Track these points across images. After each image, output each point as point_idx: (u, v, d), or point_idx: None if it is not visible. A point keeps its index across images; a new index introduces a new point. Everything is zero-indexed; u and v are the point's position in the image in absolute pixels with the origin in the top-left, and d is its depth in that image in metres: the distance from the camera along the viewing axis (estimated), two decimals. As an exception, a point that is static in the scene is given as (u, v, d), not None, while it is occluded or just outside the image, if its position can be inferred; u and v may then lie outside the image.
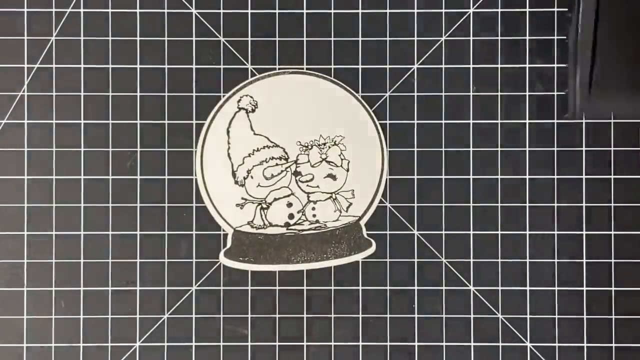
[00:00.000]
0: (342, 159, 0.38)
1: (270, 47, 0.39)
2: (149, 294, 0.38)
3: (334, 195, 0.38)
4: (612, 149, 0.39)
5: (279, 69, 0.39)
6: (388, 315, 0.38)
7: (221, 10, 0.39)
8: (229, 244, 0.38)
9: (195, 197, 0.38)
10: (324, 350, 0.38)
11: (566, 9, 0.39)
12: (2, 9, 0.39)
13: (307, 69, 0.39)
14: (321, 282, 0.38)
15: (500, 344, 0.38)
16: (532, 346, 0.38)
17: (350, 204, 0.38)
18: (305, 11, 0.39)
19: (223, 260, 0.38)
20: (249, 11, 0.39)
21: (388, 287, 0.38)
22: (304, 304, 0.38)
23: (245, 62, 0.39)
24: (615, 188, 0.38)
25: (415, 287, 0.38)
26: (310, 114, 0.38)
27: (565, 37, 0.38)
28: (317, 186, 0.38)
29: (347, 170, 0.38)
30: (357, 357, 0.38)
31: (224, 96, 0.38)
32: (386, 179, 0.38)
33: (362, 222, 0.38)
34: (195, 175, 0.38)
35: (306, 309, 0.38)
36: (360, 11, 0.39)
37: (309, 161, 0.38)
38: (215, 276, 0.38)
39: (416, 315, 0.38)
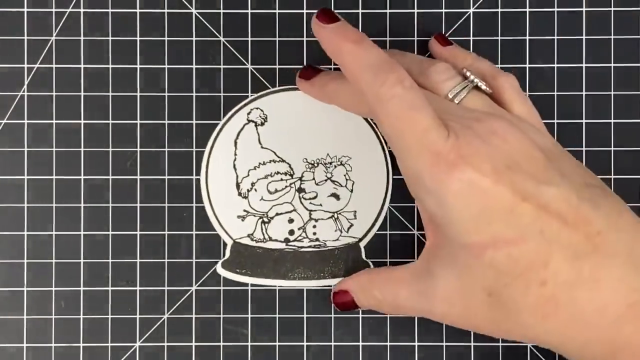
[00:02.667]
0: (347, 179, 0.38)
1: (270, 47, 0.39)
2: (149, 294, 0.38)
3: (336, 215, 0.38)
4: (612, 149, 0.39)
5: (279, 69, 0.39)
6: (388, 315, 0.38)
7: (221, 10, 0.39)
8: (227, 255, 0.38)
9: (195, 197, 0.38)
10: (324, 350, 0.38)
11: (566, 9, 0.39)
12: (2, 9, 0.39)
13: (307, 69, 0.38)
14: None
15: (500, 344, 0.38)
16: (532, 346, 0.38)
17: (352, 224, 0.38)
18: (305, 11, 0.39)
19: (220, 271, 0.38)
20: (249, 11, 0.39)
21: (388, 287, 0.38)
22: (304, 303, 0.38)
23: (245, 62, 0.39)
24: (616, 188, 0.38)
25: (415, 287, 0.38)
26: (319, 132, 0.38)
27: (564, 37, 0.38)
28: (320, 204, 0.38)
29: (351, 191, 0.38)
30: (357, 357, 0.38)
31: (225, 97, 0.38)
32: (388, 207, 0.38)
33: (362, 244, 0.38)
34: (199, 177, 0.38)
35: (306, 309, 0.38)
36: (360, 11, 0.39)
37: (313, 179, 0.38)
38: (215, 276, 0.38)
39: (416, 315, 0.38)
